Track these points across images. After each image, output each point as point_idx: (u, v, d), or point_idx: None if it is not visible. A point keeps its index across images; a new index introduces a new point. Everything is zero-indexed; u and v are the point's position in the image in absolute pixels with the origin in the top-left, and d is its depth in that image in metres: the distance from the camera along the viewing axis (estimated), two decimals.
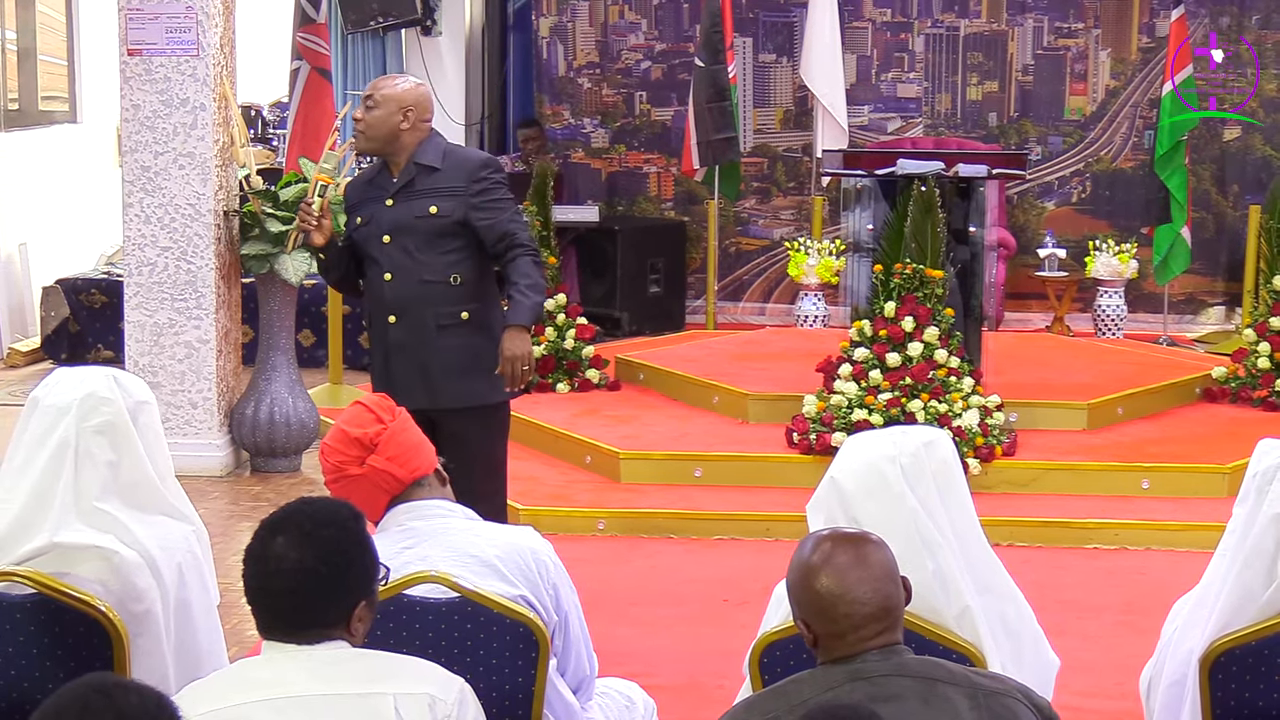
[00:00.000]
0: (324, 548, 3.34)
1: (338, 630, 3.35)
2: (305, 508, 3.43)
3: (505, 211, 6.14)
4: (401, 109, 6.16)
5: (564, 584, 4.13)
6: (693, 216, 13.79)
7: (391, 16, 13.83)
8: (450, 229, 6.11)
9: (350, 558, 3.37)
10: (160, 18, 9.08)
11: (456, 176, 6.13)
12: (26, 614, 4.04)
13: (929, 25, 13.58)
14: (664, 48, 14.03)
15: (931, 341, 8.65)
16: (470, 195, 6.11)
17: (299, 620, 3.32)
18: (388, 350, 6.21)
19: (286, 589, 3.31)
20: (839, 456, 4.00)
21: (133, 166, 9.16)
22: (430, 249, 6.12)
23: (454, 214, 6.11)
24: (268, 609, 3.33)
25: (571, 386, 10.18)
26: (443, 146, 6.25)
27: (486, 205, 6.12)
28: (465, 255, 6.14)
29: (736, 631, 5.97)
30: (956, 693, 3.22)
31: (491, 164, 6.23)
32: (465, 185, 6.12)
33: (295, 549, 3.32)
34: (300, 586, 3.31)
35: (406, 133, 6.18)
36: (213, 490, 8.89)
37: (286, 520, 3.38)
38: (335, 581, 3.35)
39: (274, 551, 3.32)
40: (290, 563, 3.31)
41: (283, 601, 3.31)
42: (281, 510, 3.44)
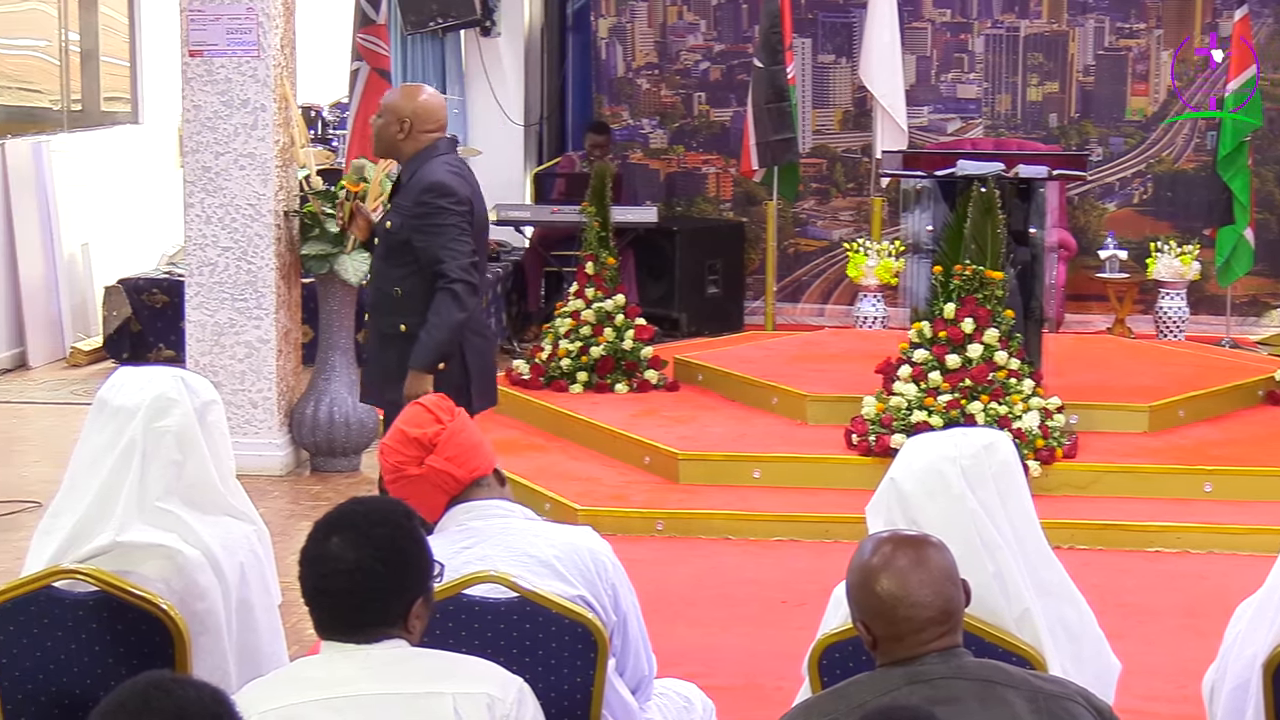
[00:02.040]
0: (380, 546, 3.35)
1: (396, 629, 3.36)
2: (358, 507, 3.45)
3: (439, 238, 6.21)
4: (399, 119, 6.34)
5: (623, 584, 4.13)
6: (751, 217, 13.77)
7: (451, 17, 13.87)
8: (400, 245, 6.30)
9: (407, 554, 3.38)
10: (221, 19, 9.13)
11: (409, 195, 6.30)
12: (89, 611, 4.07)
13: (989, 26, 13.53)
14: (723, 48, 14.02)
15: (991, 343, 8.61)
16: (412, 216, 6.26)
17: (358, 619, 3.33)
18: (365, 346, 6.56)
19: (345, 589, 3.32)
20: (899, 458, 3.98)
21: (194, 167, 9.21)
22: (387, 260, 6.37)
23: (402, 231, 6.29)
24: (326, 609, 3.34)
25: (630, 387, 10.18)
26: (424, 160, 6.35)
27: (423, 228, 6.25)
28: (412, 271, 6.29)
29: (795, 633, 5.96)
30: (1016, 695, 3.20)
31: (436, 189, 6.25)
32: (411, 205, 6.27)
33: (352, 549, 3.33)
34: (359, 586, 3.32)
35: (403, 142, 6.35)
36: (273, 490, 8.93)
37: (341, 520, 3.39)
38: (393, 579, 3.36)
39: (331, 552, 3.33)
40: (348, 563, 3.32)
41: (341, 601, 3.32)
42: (334, 511, 3.45)
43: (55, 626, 4.09)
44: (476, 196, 6.44)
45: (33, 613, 4.08)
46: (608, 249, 10.41)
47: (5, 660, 4.11)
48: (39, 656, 4.10)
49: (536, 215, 13.06)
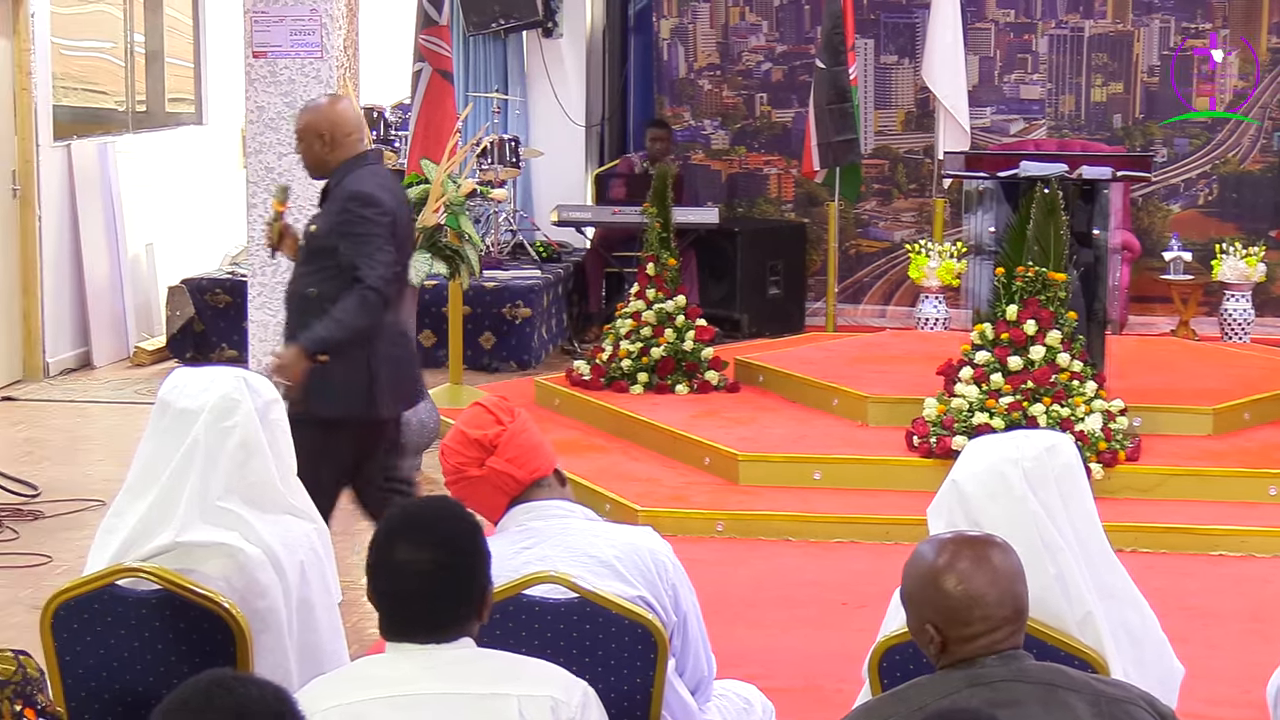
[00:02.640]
0: (448, 545, 3.37)
1: (464, 627, 3.36)
2: (421, 508, 3.46)
3: (362, 245, 6.28)
4: (318, 134, 6.46)
5: (683, 585, 4.13)
6: (813, 218, 13.75)
7: (513, 18, 13.90)
8: (321, 249, 6.39)
9: (472, 551, 3.41)
10: (285, 20, 9.18)
11: (335, 201, 6.40)
12: (151, 610, 4.09)
13: (1053, 26, 13.46)
14: (785, 49, 14.00)
15: (1054, 345, 8.57)
16: (336, 222, 6.36)
17: (428, 620, 3.34)
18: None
19: (417, 590, 3.33)
20: (961, 460, 3.97)
21: (257, 167, 9.26)
22: (307, 263, 6.48)
23: (328, 238, 6.37)
24: (397, 612, 3.35)
25: (691, 388, 10.17)
26: (350, 169, 6.44)
27: (345, 235, 6.31)
28: (330, 275, 6.35)
29: (855, 635, 5.95)
30: (1077, 699, 3.18)
31: (360, 198, 6.33)
32: (337, 212, 6.37)
33: (421, 550, 3.34)
34: (434, 586, 3.33)
35: (330, 154, 6.46)
36: None
37: (407, 523, 3.40)
38: (463, 577, 3.37)
39: (400, 555, 3.34)
40: (419, 564, 3.33)
41: (413, 603, 3.33)
42: (397, 514, 3.45)
43: (118, 625, 4.11)
44: (401, 208, 6.56)
45: (96, 611, 4.10)
46: (669, 250, 10.40)
47: (69, 658, 4.13)
48: (102, 654, 4.12)
49: (597, 216, 13.07)
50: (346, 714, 3.28)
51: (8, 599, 7.05)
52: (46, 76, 11.81)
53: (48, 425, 10.57)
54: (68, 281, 12.04)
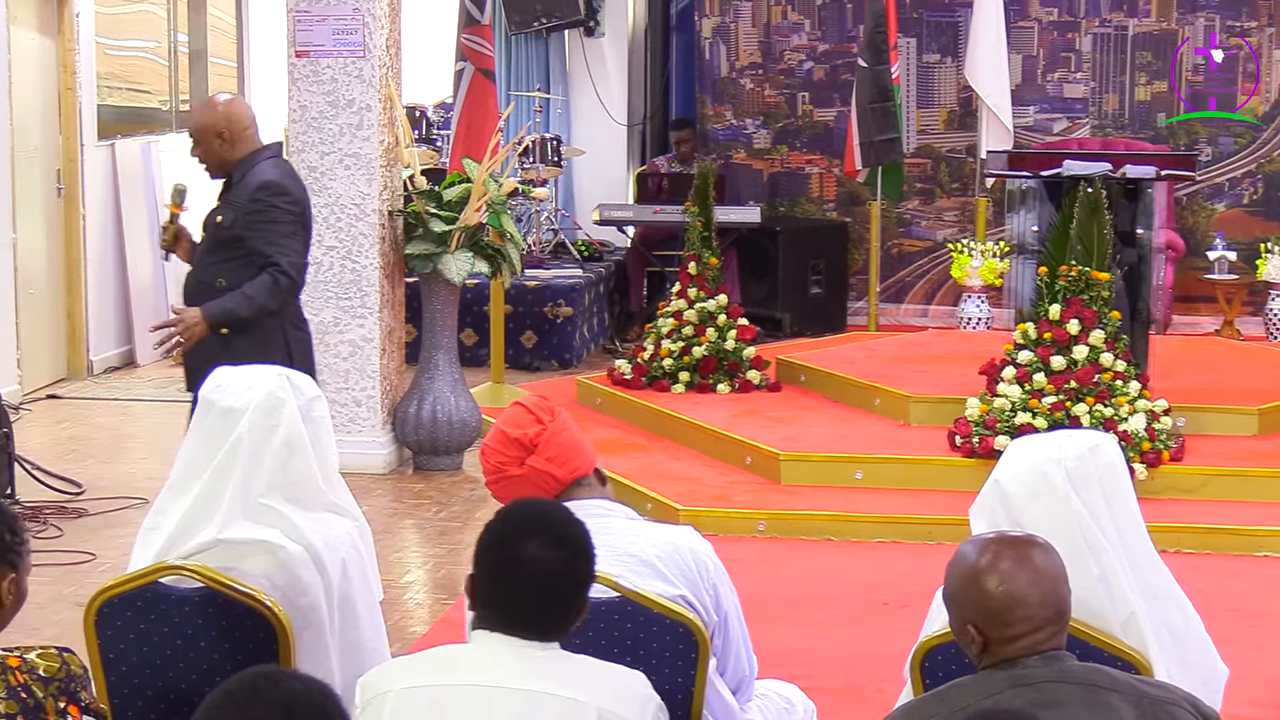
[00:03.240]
0: (579, 548, 3.40)
1: (569, 629, 3.39)
2: (547, 509, 3.47)
3: (272, 233, 6.54)
4: (216, 133, 6.62)
5: (724, 584, 4.12)
6: (855, 217, 13.73)
7: (555, 18, 13.91)
8: (228, 239, 6.58)
9: (592, 555, 3.43)
10: (328, 20, 9.20)
11: (243, 193, 6.58)
12: (194, 607, 4.10)
13: (1097, 24, 13.41)
14: (827, 48, 13.98)
15: (1097, 344, 8.53)
16: (245, 212, 6.54)
17: (546, 620, 3.35)
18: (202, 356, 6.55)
19: (541, 589, 3.33)
20: (1003, 460, 3.95)
21: (299, 166, 9.28)
22: (212, 253, 6.63)
23: (233, 226, 6.56)
24: (514, 607, 3.34)
25: (732, 387, 10.16)
26: (255, 162, 6.63)
27: (255, 224, 6.52)
28: (238, 265, 6.55)
29: (897, 635, 5.93)
30: (1121, 700, 3.17)
31: (271, 187, 6.57)
32: (245, 202, 6.55)
33: (553, 550, 3.35)
34: (555, 586, 3.35)
35: (230, 151, 6.62)
36: (376, 488, 8.98)
37: (537, 521, 3.41)
38: (585, 581, 3.41)
39: (531, 553, 3.34)
40: (551, 563, 3.33)
41: (533, 601, 3.33)
42: (519, 512, 3.46)
43: (161, 622, 4.13)
44: (307, 197, 6.79)
45: (139, 608, 4.12)
46: (710, 249, 10.39)
47: (112, 655, 4.15)
48: (145, 652, 4.14)
49: (639, 215, 13.07)
50: (425, 696, 3.29)
51: (52, 596, 7.08)
52: (91, 76, 11.87)
53: (91, 423, 10.62)
54: (111, 280, 12.10)
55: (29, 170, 11.20)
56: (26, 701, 3.32)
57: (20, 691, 3.33)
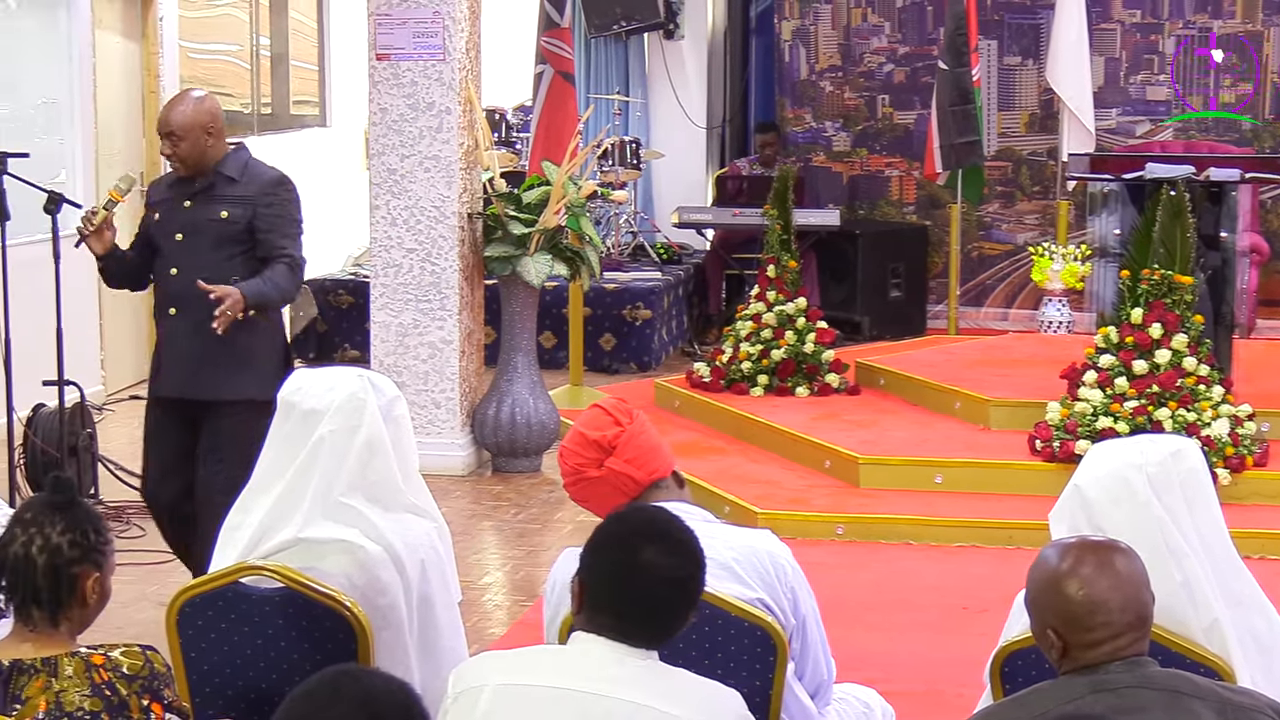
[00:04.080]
0: (697, 558, 3.39)
1: (674, 637, 3.38)
2: (666, 516, 3.46)
3: (287, 227, 6.64)
4: (204, 130, 6.60)
5: (802, 588, 4.11)
6: (934, 220, 13.68)
7: (634, 20, 13.93)
8: (236, 235, 6.58)
9: (704, 559, 3.42)
10: (408, 23, 9.24)
11: (250, 188, 6.61)
12: (275, 607, 4.12)
13: (1180, 26, 13.31)
14: (907, 50, 13.93)
15: (1180, 349, 8.47)
16: (260, 206, 6.58)
17: (657, 627, 3.34)
18: (171, 341, 6.62)
19: (657, 596, 3.33)
20: (1084, 464, 3.93)
21: (380, 169, 9.33)
22: (218, 250, 6.56)
23: (242, 220, 6.56)
24: (630, 615, 3.33)
25: (811, 390, 10.14)
26: (244, 159, 6.72)
27: (273, 218, 6.60)
28: (247, 260, 6.58)
29: (976, 639, 5.90)
30: (1203, 707, 3.14)
31: (285, 182, 6.72)
32: (257, 196, 6.59)
33: (673, 557, 3.35)
34: (672, 594, 3.34)
35: (214, 146, 6.63)
36: (455, 489, 9.01)
37: (656, 528, 3.40)
38: (699, 591, 3.41)
39: (649, 559, 3.33)
40: (670, 570, 3.33)
41: (647, 607, 3.32)
42: (633, 518, 3.46)
43: (242, 622, 4.15)
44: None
45: (220, 608, 4.15)
46: (789, 252, 10.37)
47: (193, 654, 4.18)
48: (226, 651, 4.17)
49: (718, 218, 13.07)
50: (522, 694, 3.29)
51: (135, 595, 7.14)
52: (174, 79, 11.96)
53: None
54: None
55: (112, 172, 11.29)
56: (111, 699, 3.36)
57: (105, 689, 3.36)
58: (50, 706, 3.33)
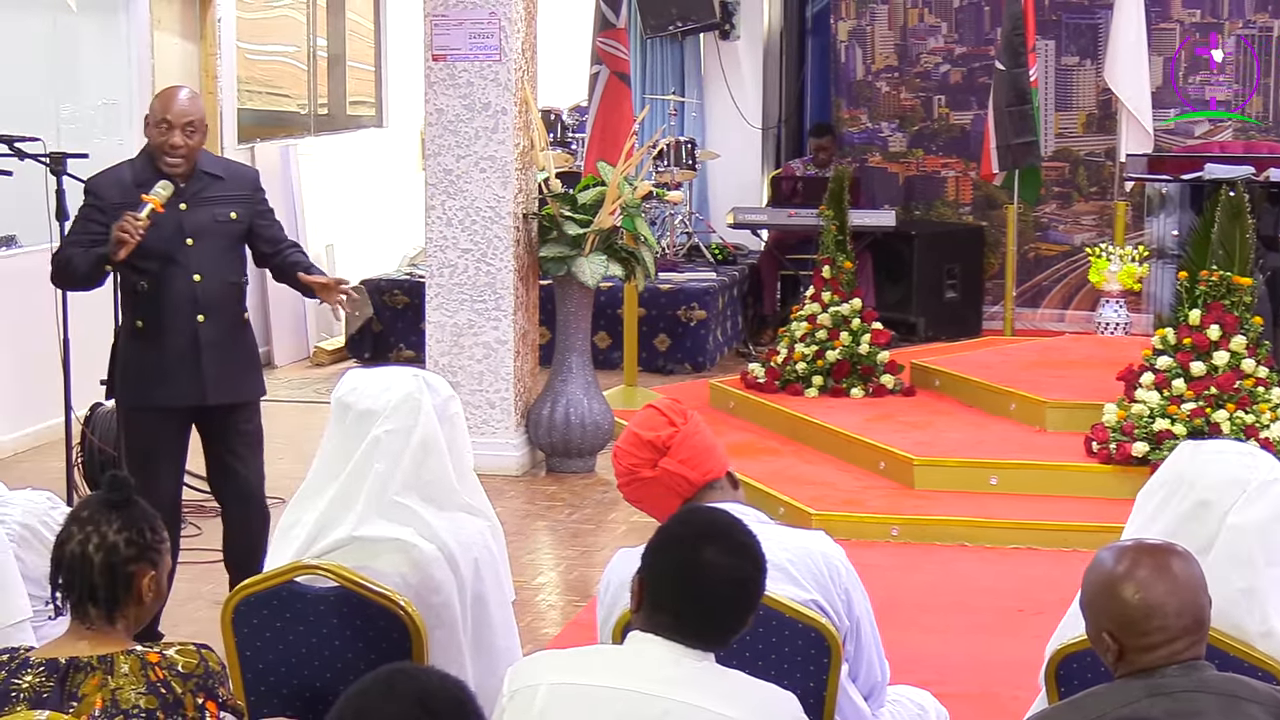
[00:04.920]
0: (758, 559, 3.39)
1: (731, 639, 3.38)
2: (727, 517, 3.46)
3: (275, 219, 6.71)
4: (204, 126, 6.47)
5: (856, 589, 4.10)
6: (991, 221, 13.63)
7: (690, 21, 13.93)
8: (241, 234, 6.52)
9: (765, 567, 3.42)
10: (464, 24, 9.26)
11: (241, 185, 6.53)
12: (329, 606, 4.13)
13: (1240, 25, 13.22)
14: (964, 51, 13.88)
15: (1238, 350, 8.41)
16: (255, 204, 6.54)
17: (717, 628, 3.34)
18: (199, 349, 6.40)
19: (718, 596, 3.32)
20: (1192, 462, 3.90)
21: (435, 170, 9.35)
22: (231, 251, 6.50)
23: (246, 220, 6.50)
24: (692, 615, 3.32)
25: (866, 391, 10.11)
26: (215, 157, 6.68)
27: (266, 213, 6.62)
28: (242, 259, 6.57)
29: (1031, 642, 5.86)
30: (1261, 711, 3.12)
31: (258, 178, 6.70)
32: (251, 194, 6.54)
33: (734, 558, 3.34)
34: (734, 595, 3.34)
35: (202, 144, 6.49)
36: (509, 489, 9.02)
37: (712, 528, 3.40)
38: (759, 592, 3.40)
39: (709, 559, 3.32)
40: (732, 570, 3.33)
41: (707, 607, 3.32)
42: (692, 518, 3.46)
43: (297, 621, 4.17)
44: None
45: (275, 607, 4.16)
46: (845, 252, 10.35)
47: (248, 653, 4.20)
48: (281, 650, 4.18)
49: (773, 219, 13.05)
50: (578, 694, 3.30)
51: (190, 594, 7.17)
52: (231, 80, 12.02)
53: None
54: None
55: None
56: (166, 696, 3.37)
57: (160, 687, 3.38)
58: (106, 704, 3.34)
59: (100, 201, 6.34)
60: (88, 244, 6.32)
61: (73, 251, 6.36)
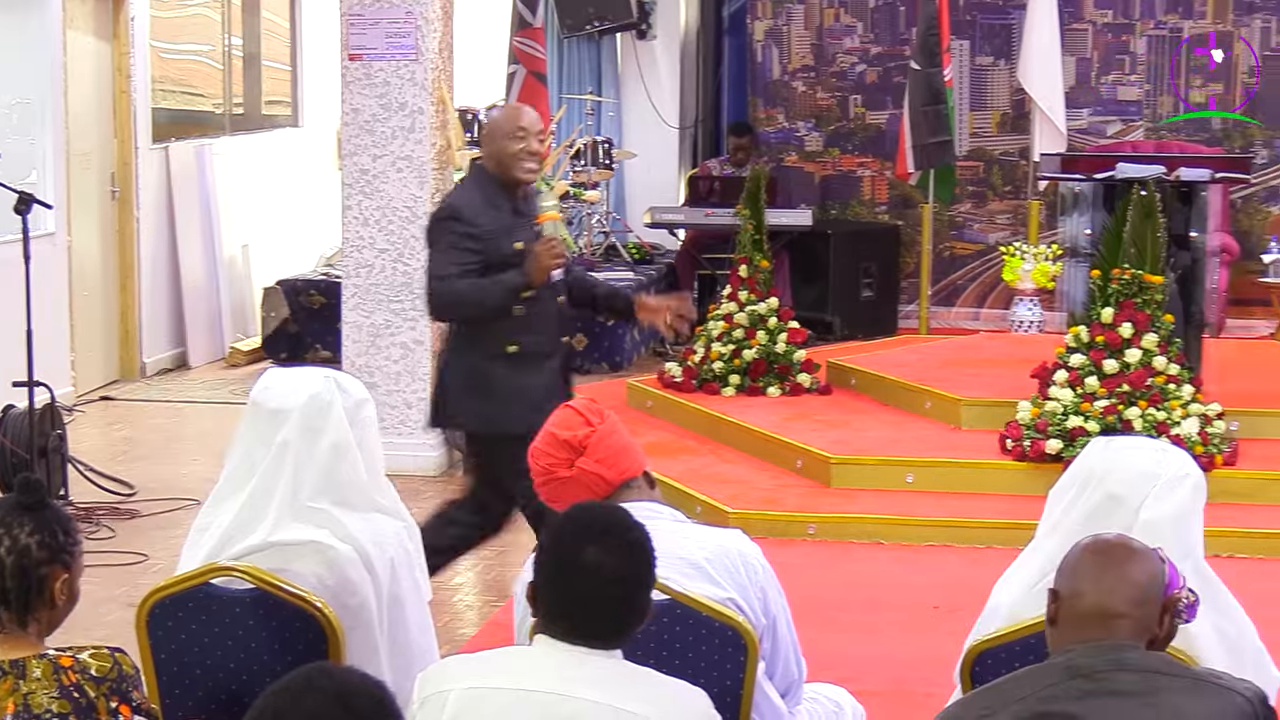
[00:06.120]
0: (640, 553, 3.37)
1: (631, 636, 3.37)
2: (606, 514, 3.45)
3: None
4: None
5: (773, 587, 4.11)
6: (907, 220, 13.70)
7: (607, 20, 13.93)
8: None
9: (653, 560, 3.41)
10: (381, 23, 9.23)
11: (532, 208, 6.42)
12: (246, 608, 4.12)
13: (1151, 26, 13.34)
14: (879, 51, 13.95)
15: (1150, 348, 8.49)
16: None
17: (607, 626, 3.33)
18: (551, 373, 6.39)
19: (602, 595, 3.32)
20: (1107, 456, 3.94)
21: (352, 170, 9.32)
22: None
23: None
24: (574, 614, 3.32)
25: (783, 390, 10.14)
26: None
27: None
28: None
29: (947, 639, 5.89)
30: (1181, 685, 3.15)
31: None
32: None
33: (614, 555, 3.33)
34: (617, 592, 3.33)
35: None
36: (426, 490, 8.99)
37: (593, 527, 3.38)
38: (646, 586, 3.38)
39: (590, 559, 3.31)
40: (611, 569, 3.31)
41: (594, 608, 3.32)
42: (581, 517, 3.45)
43: (212, 623, 4.15)
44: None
45: (190, 609, 4.14)
46: (762, 252, 10.37)
47: (163, 656, 4.17)
48: (197, 652, 4.16)
49: (690, 218, 13.07)
50: (487, 698, 3.29)
51: (104, 597, 7.12)
52: (145, 79, 11.93)
53: (144, 425, 10.68)
54: (165, 282, 12.16)
55: (84, 173, 11.27)
56: (79, 701, 3.35)
57: (73, 691, 3.35)
58: (18, 709, 3.31)
59: (474, 228, 6.22)
60: (475, 273, 6.20)
61: (468, 284, 6.20)
